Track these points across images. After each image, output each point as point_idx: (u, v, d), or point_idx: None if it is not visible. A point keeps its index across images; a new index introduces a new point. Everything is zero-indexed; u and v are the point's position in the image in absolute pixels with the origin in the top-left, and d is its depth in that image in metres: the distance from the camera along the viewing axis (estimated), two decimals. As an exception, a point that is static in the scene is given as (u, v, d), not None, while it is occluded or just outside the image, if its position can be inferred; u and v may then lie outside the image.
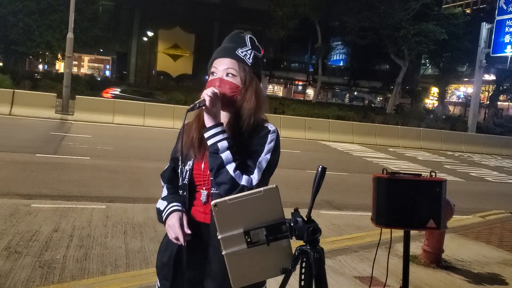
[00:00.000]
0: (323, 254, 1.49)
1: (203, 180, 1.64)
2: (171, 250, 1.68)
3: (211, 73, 1.66)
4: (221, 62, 1.64)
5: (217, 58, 1.66)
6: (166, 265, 1.70)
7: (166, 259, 1.70)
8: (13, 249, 4.01)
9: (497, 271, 4.63)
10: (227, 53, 1.65)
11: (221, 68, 1.63)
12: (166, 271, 1.70)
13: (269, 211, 1.40)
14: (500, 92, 38.24)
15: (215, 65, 1.65)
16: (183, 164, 1.66)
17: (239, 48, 1.65)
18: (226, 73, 1.62)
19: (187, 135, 1.67)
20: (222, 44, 1.71)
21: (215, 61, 1.67)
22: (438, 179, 2.64)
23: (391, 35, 29.02)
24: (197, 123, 1.67)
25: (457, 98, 56.23)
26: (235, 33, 1.73)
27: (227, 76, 1.62)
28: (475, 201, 9.20)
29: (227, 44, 1.69)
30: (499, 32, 24.52)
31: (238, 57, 1.64)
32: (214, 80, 1.63)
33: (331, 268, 4.19)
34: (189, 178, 1.65)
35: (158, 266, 1.75)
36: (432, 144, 20.24)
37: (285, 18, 32.16)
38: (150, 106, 17.32)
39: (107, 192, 6.69)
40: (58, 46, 24.35)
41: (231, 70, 1.62)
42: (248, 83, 1.63)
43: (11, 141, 10.19)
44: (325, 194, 7.55)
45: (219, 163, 1.52)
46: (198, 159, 1.65)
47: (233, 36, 1.72)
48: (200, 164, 1.64)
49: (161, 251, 1.76)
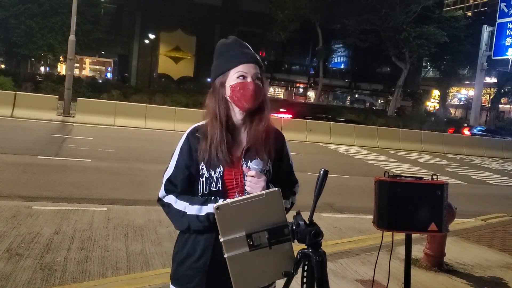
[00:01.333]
0: (325, 258, 1.49)
1: (235, 185, 1.66)
2: (206, 257, 1.65)
3: (240, 76, 1.66)
4: (250, 66, 1.68)
5: (243, 63, 1.67)
6: (199, 272, 1.66)
7: (201, 266, 1.65)
8: (14, 251, 4.01)
9: (499, 275, 4.61)
10: (254, 58, 1.70)
11: (252, 72, 1.67)
12: (200, 277, 1.66)
13: (271, 214, 1.40)
14: (501, 95, 38.25)
15: (244, 70, 1.67)
16: (209, 171, 1.65)
17: (255, 54, 1.73)
18: (256, 77, 1.68)
19: (205, 143, 1.66)
20: (233, 49, 1.72)
21: (242, 65, 1.67)
22: (440, 182, 2.63)
23: (392, 37, 29.06)
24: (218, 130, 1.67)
25: (458, 101, 56.20)
26: (235, 38, 1.77)
27: (257, 80, 1.68)
28: (476, 204, 9.18)
29: (246, 50, 1.72)
30: (500, 35, 24.56)
31: (260, 63, 1.71)
32: (247, 83, 1.66)
33: (332, 271, 4.18)
34: (221, 184, 1.65)
35: (188, 275, 1.68)
36: (433, 147, 20.22)
37: (286, 21, 32.22)
38: (152, 108, 17.35)
39: (108, 194, 6.69)
40: (60, 48, 24.41)
41: (259, 75, 1.69)
42: (266, 88, 1.75)
43: (13, 143, 10.20)
44: (326, 196, 7.53)
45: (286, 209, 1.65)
46: (229, 164, 1.66)
47: (239, 41, 1.76)
48: (231, 169, 1.66)
49: (189, 259, 1.68)
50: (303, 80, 46.96)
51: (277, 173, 1.74)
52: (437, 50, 29.21)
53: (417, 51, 29.04)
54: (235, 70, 1.66)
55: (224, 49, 1.73)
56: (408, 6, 28.64)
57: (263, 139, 1.69)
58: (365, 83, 45.99)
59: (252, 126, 1.69)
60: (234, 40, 1.76)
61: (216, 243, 1.59)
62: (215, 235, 1.59)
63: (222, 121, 1.67)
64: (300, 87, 49.30)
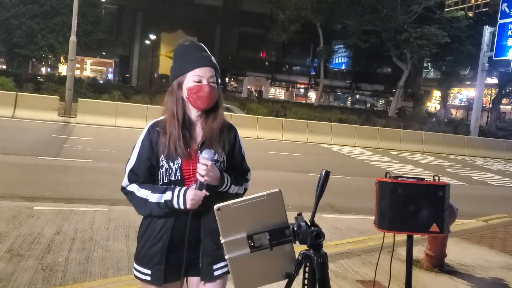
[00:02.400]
0: (327, 259, 1.48)
1: (192, 174, 1.81)
2: (165, 239, 1.82)
3: (196, 80, 1.81)
4: (206, 70, 1.82)
5: (200, 67, 1.81)
6: (159, 252, 1.83)
7: (160, 247, 1.83)
8: (16, 252, 4.01)
9: (500, 276, 4.61)
10: (210, 62, 1.84)
11: (207, 75, 1.82)
12: (159, 257, 1.83)
13: (272, 215, 1.40)
14: (502, 96, 38.19)
15: (200, 73, 1.81)
16: (169, 163, 1.81)
17: (211, 57, 1.87)
18: (212, 80, 1.82)
19: (164, 138, 1.83)
20: (192, 53, 1.86)
21: (198, 69, 1.81)
22: (441, 183, 2.63)
23: (393, 38, 29.02)
24: (176, 127, 1.84)
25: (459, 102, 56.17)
26: (196, 43, 1.91)
27: (212, 83, 1.82)
28: (478, 205, 9.17)
29: (203, 53, 1.86)
30: (502, 36, 24.50)
31: (215, 65, 1.86)
32: (203, 86, 1.80)
33: (333, 272, 4.18)
34: (180, 174, 1.82)
35: (148, 255, 1.86)
36: (434, 148, 20.20)
37: (287, 21, 32.19)
38: (152, 109, 17.33)
39: (109, 194, 6.69)
40: (61, 49, 24.38)
41: (214, 78, 1.84)
42: (220, 88, 1.90)
43: (14, 144, 10.21)
44: (327, 197, 7.51)
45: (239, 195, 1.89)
46: (187, 157, 1.82)
47: (197, 44, 1.90)
48: (189, 161, 1.82)
49: (150, 241, 1.86)
50: (304, 81, 46.94)
51: (231, 163, 1.91)
52: (438, 50, 29.16)
53: (418, 51, 28.99)
54: (192, 73, 1.81)
55: (182, 52, 1.87)
56: (409, 6, 28.62)
57: (217, 134, 1.86)
58: (366, 84, 45.95)
59: (207, 122, 1.86)
60: (191, 43, 1.91)
61: (174, 226, 1.81)
62: (173, 220, 1.81)
63: (179, 119, 1.84)
64: (301, 88, 49.28)
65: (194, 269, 1.86)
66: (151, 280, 1.85)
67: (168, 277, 1.84)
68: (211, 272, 1.84)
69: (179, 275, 1.86)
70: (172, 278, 1.86)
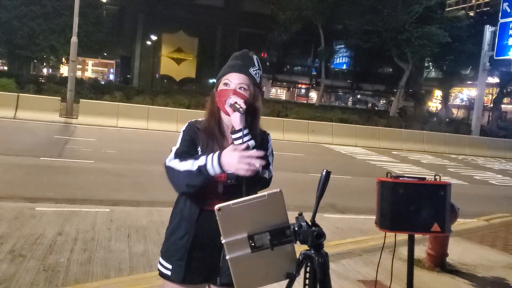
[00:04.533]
0: (328, 259, 1.49)
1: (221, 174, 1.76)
2: (190, 234, 1.82)
3: (225, 83, 1.84)
4: (235, 76, 1.84)
5: (231, 72, 1.85)
6: (182, 247, 1.83)
7: (184, 242, 1.83)
8: (18, 253, 4.02)
9: (502, 275, 4.60)
10: (242, 70, 1.85)
11: (235, 81, 1.83)
12: (182, 253, 1.83)
13: (273, 215, 1.40)
14: (503, 95, 38.13)
15: (229, 78, 1.84)
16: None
17: (251, 67, 1.87)
18: (240, 86, 1.83)
19: (203, 135, 1.85)
20: (232, 61, 1.90)
21: (229, 74, 1.85)
22: (443, 183, 2.63)
23: (394, 38, 28.99)
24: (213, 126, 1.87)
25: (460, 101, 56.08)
26: (244, 52, 1.93)
27: (239, 89, 1.82)
28: (479, 204, 9.16)
29: (239, 62, 1.88)
30: (503, 35, 24.45)
31: (250, 74, 1.86)
32: (228, 90, 1.82)
33: (334, 271, 4.18)
34: None
35: (172, 249, 1.86)
36: (435, 147, 20.18)
37: (288, 22, 32.19)
38: (154, 110, 17.38)
39: (111, 195, 6.71)
40: (62, 50, 24.43)
41: (244, 85, 1.83)
42: (256, 96, 1.88)
43: (16, 145, 10.23)
44: (328, 197, 7.50)
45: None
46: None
47: (243, 55, 1.91)
48: None
49: (175, 235, 1.86)
50: (305, 81, 46.96)
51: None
52: (439, 50, 29.12)
53: (419, 51, 28.96)
54: (224, 77, 1.85)
55: (230, 59, 1.92)
56: (410, 6, 28.57)
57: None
58: (367, 84, 45.94)
59: None
60: (242, 52, 1.93)
61: (197, 223, 1.80)
62: (197, 216, 1.80)
63: (215, 119, 1.87)
64: (302, 88, 49.31)
65: (217, 275, 1.83)
66: (171, 275, 1.85)
67: (189, 277, 1.83)
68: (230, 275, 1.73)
69: (200, 278, 1.85)
70: (192, 280, 1.84)
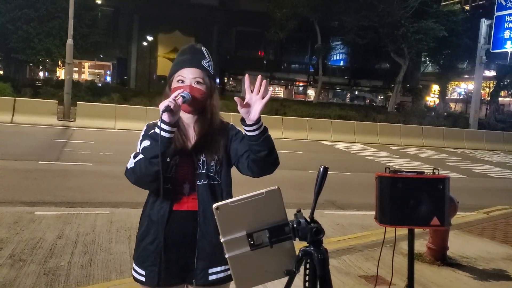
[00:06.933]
0: (327, 255, 1.49)
1: (187, 174, 1.82)
2: (160, 238, 1.79)
3: (178, 80, 1.82)
4: (188, 71, 1.82)
5: (183, 68, 1.83)
6: (153, 252, 1.81)
7: (154, 247, 1.81)
8: (18, 257, 4.01)
9: (502, 267, 4.62)
10: (194, 63, 1.83)
11: (190, 76, 1.81)
12: (154, 257, 1.81)
13: (272, 213, 1.40)
14: (501, 88, 38.10)
15: (182, 74, 1.82)
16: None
17: (202, 60, 1.86)
18: (195, 81, 1.81)
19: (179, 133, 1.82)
20: (181, 56, 1.88)
21: (181, 70, 1.83)
22: (441, 177, 2.63)
23: (391, 33, 28.98)
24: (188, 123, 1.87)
25: (458, 95, 56.08)
26: (192, 45, 1.92)
27: (195, 83, 1.81)
28: (478, 197, 9.17)
29: (189, 56, 1.86)
30: (499, 28, 24.45)
31: (203, 67, 1.85)
32: (184, 87, 1.80)
33: (336, 268, 4.18)
34: (174, 172, 1.81)
35: (144, 254, 1.84)
36: (434, 142, 20.19)
37: (284, 19, 32.13)
38: (152, 111, 17.32)
39: (110, 197, 6.70)
40: (58, 53, 24.36)
41: (199, 79, 1.82)
42: (213, 89, 1.86)
43: (14, 149, 10.21)
44: (328, 194, 7.54)
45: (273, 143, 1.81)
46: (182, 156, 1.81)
47: (191, 48, 1.90)
48: (188, 159, 1.82)
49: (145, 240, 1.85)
50: (302, 79, 46.91)
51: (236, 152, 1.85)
52: (435, 44, 29.11)
53: (415, 46, 28.95)
54: (177, 74, 1.83)
55: (178, 55, 1.90)
56: (406, 1, 28.54)
57: (211, 137, 1.84)
58: (364, 80, 45.90)
59: (199, 125, 1.85)
60: (189, 46, 1.93)
61: (168, 225, 1.78)
62: (166, 218, 1.78)
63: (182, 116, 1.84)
64: (299, 86, 49.25)
65: (192, 277, 1.82)
66: (145, 281, 1.83)
67: (163, 280, 1.80)
68: (206, 276, 1.80)
69: (176, 280, 1.83)
70: (168, 282, 1.82)
